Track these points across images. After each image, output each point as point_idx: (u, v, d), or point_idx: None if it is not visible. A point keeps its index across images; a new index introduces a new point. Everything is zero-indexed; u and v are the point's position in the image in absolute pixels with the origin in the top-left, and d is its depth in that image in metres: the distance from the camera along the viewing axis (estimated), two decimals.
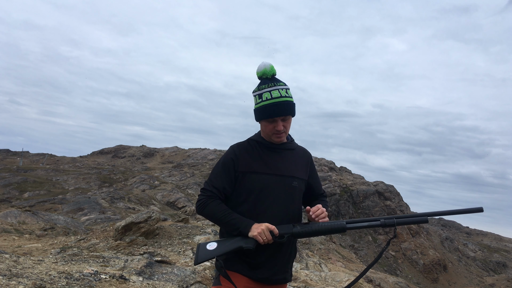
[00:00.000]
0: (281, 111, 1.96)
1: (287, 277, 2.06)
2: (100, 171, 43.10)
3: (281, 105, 1.96)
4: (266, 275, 1.95)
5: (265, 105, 1.97)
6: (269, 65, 2.02)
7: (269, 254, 1.95)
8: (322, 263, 10.82)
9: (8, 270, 4.07)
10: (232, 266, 1.95)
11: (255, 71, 2.06)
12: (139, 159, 58.36)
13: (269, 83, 2.01)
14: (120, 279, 4.58)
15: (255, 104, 2.03)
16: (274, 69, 2.03)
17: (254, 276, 1.94)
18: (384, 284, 16.65)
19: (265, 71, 2.01)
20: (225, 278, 1.91)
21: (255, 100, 2.03)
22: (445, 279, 40.43)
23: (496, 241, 61.42)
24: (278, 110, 1.96)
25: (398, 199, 47.33)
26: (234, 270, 1.95)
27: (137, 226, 7.47)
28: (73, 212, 23.90)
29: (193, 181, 38.54)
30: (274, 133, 2.00)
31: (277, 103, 1.96)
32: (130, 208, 27.19)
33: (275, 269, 1.97)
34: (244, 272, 1.94)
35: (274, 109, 1.95)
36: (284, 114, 1.97)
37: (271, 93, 1.98)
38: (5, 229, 10.01)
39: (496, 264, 50.06)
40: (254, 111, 2.04)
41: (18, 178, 35.87)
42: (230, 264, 1.96)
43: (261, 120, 2.01)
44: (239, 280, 1.93)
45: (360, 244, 39.46)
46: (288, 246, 2.04)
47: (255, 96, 2.03)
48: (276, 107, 1.96)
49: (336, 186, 44.42)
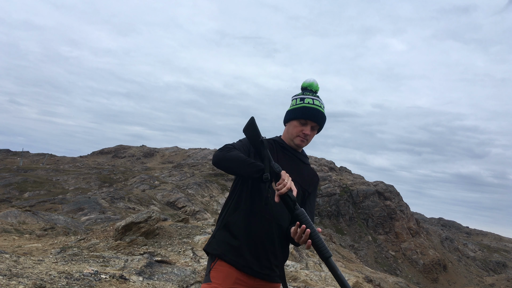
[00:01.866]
0: (316, 117, 2.08)
1: (271, 274, 2.01)
2: (100, 171, 43.11)
3: (317, 113, 2.08)
4: (250, 264, 1.94)
5: (304, 106, 2.07)
6: (316, 81, 2.17)
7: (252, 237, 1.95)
8: (322, 263, 10.82)
9: (8, 270, 4.08)
10: (215, 249, 1.97)
11: (303, 83, 2.21)
12: (139, 159, 58.37)
13: (313, 94, 2.14)
14: (120, 279, 4.58)
15: (293, 105, 2.13)
16: (319, 87, 2.18)
17: (239, 265, 1.93)
18: (384, 284, 16.66)
19: (312, 84, 2.17)
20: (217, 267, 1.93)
21: (294, 102, 2.13)
22: (445, 279, 40.42)
23: (496, 241, 61.42)
24: (314, 115, 2.07)
25: (398, 199, 47.32)
26: (216, 254, 1.96)
27: (137, 226, 7.48)
28: (73, 212, 23.90)
29: (193, 181, 38.55)
30: (299, 136, 2.09)
31: (316, 109, 2.08)
32: (130, 208, 27.20)
33: (254, 257, 1.96)
34: (225, 257, 1.94)
35: (311, 113, 2.07)
36: (317, 121, 2.09)
37: (313, 101, 2.10)
38: (5, 229, 10.01)
39: (496, 264, 50.06)
40: (289, 111, 2.14)
41: (18, 178, 35.87)
42: (213, 247, 1.98)
43: (293, 119, 2.10)
44: (230, 273, 1.94)
45: (360, 244, 39.46)
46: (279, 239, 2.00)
47: (296, 98, 2.14)
48: (313, 112, 2.07)
49: (336, 186, 44.41)
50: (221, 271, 1.95)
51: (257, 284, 2.00)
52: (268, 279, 2.01)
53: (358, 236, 40.64)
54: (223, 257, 1.95)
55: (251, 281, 1.98)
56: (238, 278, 1.95)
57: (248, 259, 1.94)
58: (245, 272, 1.95)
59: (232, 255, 1.94)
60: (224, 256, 1.95)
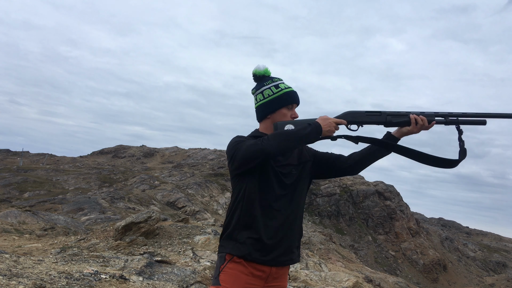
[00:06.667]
0: (298, 98, 2.14)
1: (293, 258, 2.06)
2: (100, 171, 43.10)
3: (297, 94, 2.14)
4: (273, 256, 1.94)
5: (286, 92, 2.09)
6: (267, 66, 2.16)
7: (276, 231, 1.95)
8: (322, 263, 10.82)
9: (8, 270, 4.07)
10: (239, 250, 1.94)
11: (255, 71, 2.15)
12: (139, 159, 58.34)
13: (273, 78, 2.15)
14: (120, 279, 4.58)
15: (271, 95, 2.09)
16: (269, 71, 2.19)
17: (266, 261, 1.92)
18: (384, 284, 16.65)
19: (267, 70, 2.16)
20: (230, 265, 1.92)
21: (270, 92, 2.10)
22: (445, 279, 40.43)
23: (496, 241, 61.41)
24: (297, 97, 2.13)
25: (398, 199, 47.30)
26: (241, 256, 1.93)
27: (137, 226, 7.47)
28: (73, 212, 23.89)
29: (193, 181, 38.52)
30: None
31: (294, 91, 2.13)
32: (130, 208, 27.19)
33: (281, 250, 1.97)
34: (251, 257, 1.91)
35: (294, 95, 2.11)
36: (299, 102, 2.14)
37: (285, 84, 2.13)
38: (5, 229, 10.01)
39: (496, 264, 50.04)
40: (270, 102, 2.09)
41: (18, 178, 35.85)
42: (237, 248, 1.94)
43: (281, 107, 2.08)
44: (240, 277, 1.91)
45: (360, 244, 39.45)
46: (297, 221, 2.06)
47: (271, 87, 2.10)
48: (295, 94, 2.12)
49: (336, 186, 44.41)
50: (231, 274, 1.92)
51: (273, 275, 1.99)
52: (290, 263, 2.04)
53: (358, 236, 40.64)
54: (248, 257, 1.92)
55: (264, 276, 1.96)
56: (249, 279, 1.92)
57: (275, 252, 1.94)
58: (270, 265, 1.94)
59: (258, 253, 1.92)
60: (249, 256, 1.92)
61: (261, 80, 2.15)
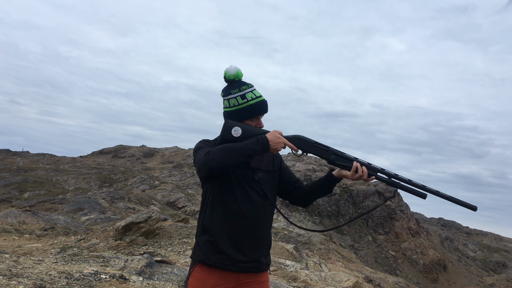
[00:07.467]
0: (265, 108, 2.10)
1: (259, 265, 2.01)
2: (100, 171, 43.10)
3: (265, 103, 2.10)
4: (234, 261, 1.92)
5: (252, 104, 2.05)
6: (238, 68, 2.10)
7: (236, 236, 1.94)
8: (322, 263, 10.82)
9: (8, 270, 4.08)
10: (198, 255, 1.95)
11: (225, 73, 2.09)
12: (139, 159, 58.36)
13: (243, 84, 2.08)
14: (120, 279, 4.58)
15: (235, 105, 2.06)
16: (242, 72, 2.13)
17: (225, 265, 1.91)
18: (384, 284, 16.65)
19: (238, 74, 2.08)
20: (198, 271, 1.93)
21: (235, 101, 2.06)
22: (445, 279, 40.44)
23: (496, 241, 61.42)
24: (264, 108, 2.09)
25: (398, 199, 47.31)
26: (199, 260, 1.94)
27: (137, 226, 7.48)
28: (73, 212, 23.89)
29: (193, 181, 38.52)
30: None
31: (262, 102, 2.08)
32: (130, 208, 27.19)
33: (242, 256, 1.94)
34: (210, 261, 1.91)
35: (261, 108, 2.08)
36: (266, 111, 2.11)
37: (253, 93, 2.07)
38: (5, 229, 10.01)
39: (496, 264, 50.07)
40: (236, 112, 2.06)
41: (18, 178, 35.86)
42: (197, 253, 1.96)
43: (246, 120, 2.06)
44: (207, 280, 1.91)
45: (360, 244, 39.46)
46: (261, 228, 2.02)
47: (237, 97, 2.05)
48: (262, 105, 2.08)
49: (336, 186, 44.43)
50: (198, 278, 1.93)
51: (242, 281, 1.98)
52: (256, 271, 2.00)
53: (358, 236, 40.64)
54: (206, 261, 1.92)
55: (232, 282, 1.95)
56: (216, 283, 1.91)
57: (232, 256, 1.92)
58: (231, 270, 1.92)
59: (216, 257, 1.92)
60: (208, 260, 1.92)
61: (231, 84, 2.10)
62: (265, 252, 2.05)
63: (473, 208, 2.07)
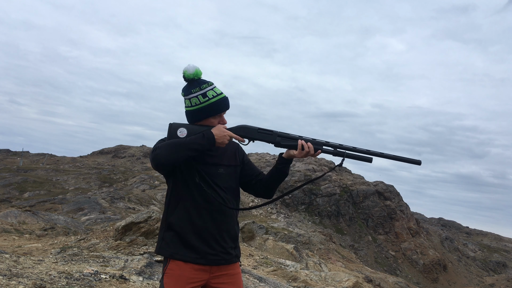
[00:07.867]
0: (227, 105, 2.14)
1: (227, 257, 2.05)
2: (100, 171, 43.10)
3: (226, 100, 2.14)
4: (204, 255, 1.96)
5: (213, 102, 2.08)
6: (197, 67, 2.12)
7: (200, 230, 1.98)
8: (322, 263, 10.82)
9: (8, 270, 4.08)
10: (166, 251, 1.99)
11: (184, 73, 2.11)
12: (139, 159, 58.34)
13: (204, 83, 2.11)
14: (120, 279, 4.58)
15: (197, 104, 2.08)
16: (201, 71, 2.14)
17: (193, 258, 1.95)
18: (384, 284, 16.67)
19: (198, 72, 2.11)
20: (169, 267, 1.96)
21: (197, 100, 2.08)
22: (445, 279, 40.44)
23: (496, 241, 61.41)
24: (225, 105, 2.13)
25: (398, 199, 47.32)
26: (168, 256, 1.98)
27: (137, 226, 7.47)
28: (73, 212, 23.90)
29: None
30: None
31: (223, 99, 2.11)
32: (130, 208, 27.19)
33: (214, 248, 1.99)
34: (178, 255, 1.95)
35: (223, 105, 2.11)
36: (228, 108, 2.15)
37: (214, 91, 2.10)
38: (5, 229, 10.01)
39: (496, 264, 50.06)
40: (196, 111, 2.10)
41: (18, 178, 35.86)
42: (164, 249, 2.00)
43: (209, 117, 2.09)
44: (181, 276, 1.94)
45: (360, 244, 39.46)
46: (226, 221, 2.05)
47: (198, 96, 2.08)
48: (224, 102, 2.12)
49: (336, 186, 44.42)
50: (172, 275, 1.96)
51: (215, 274, 2.01)
52: (226, 262, 2.04)
53: (358, 236, 40.63)
54: (175, 256, 1.96)
55: (206, 275, 1.99)
56: (190, 277, 1.95)
57: (200, 250, 1.96)
58: (201, 263, 1.96)
59: (183, 251, 1.96)
60: (176, 255, 1.96)
61: (191, 83, 2.12)
62: (232, 244, 2.09)
63: (417, 163, 2.09)
